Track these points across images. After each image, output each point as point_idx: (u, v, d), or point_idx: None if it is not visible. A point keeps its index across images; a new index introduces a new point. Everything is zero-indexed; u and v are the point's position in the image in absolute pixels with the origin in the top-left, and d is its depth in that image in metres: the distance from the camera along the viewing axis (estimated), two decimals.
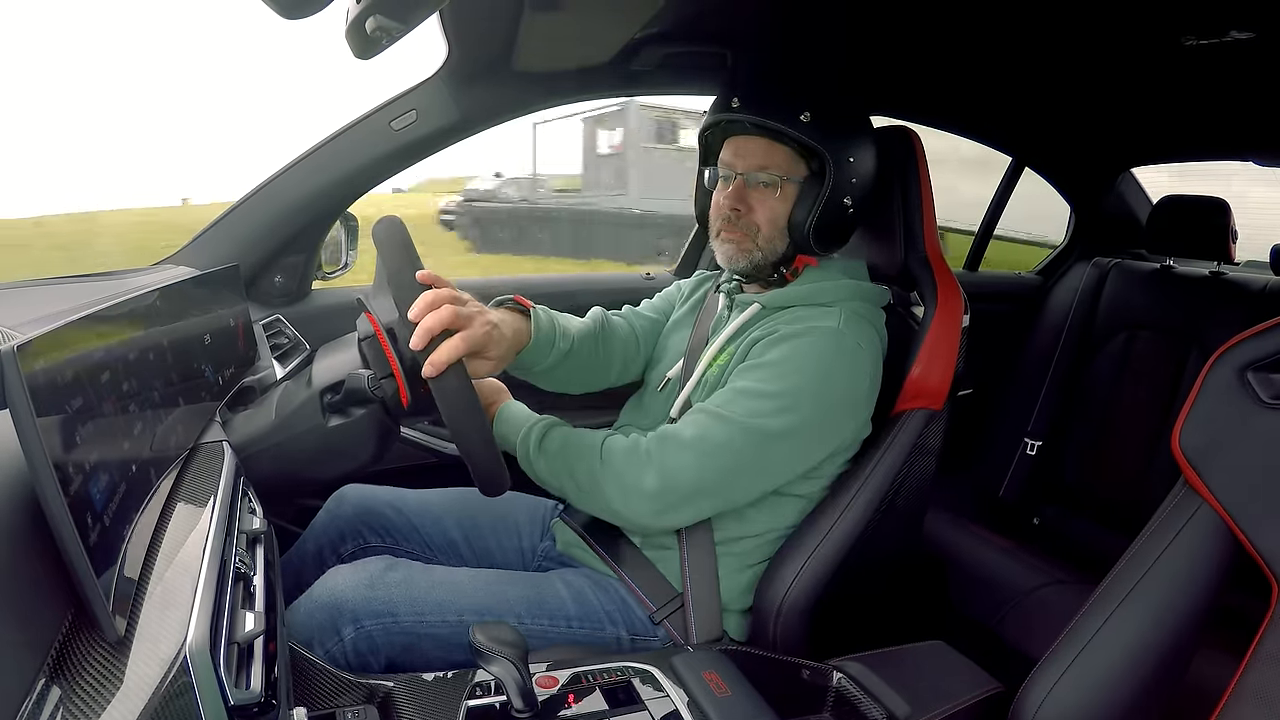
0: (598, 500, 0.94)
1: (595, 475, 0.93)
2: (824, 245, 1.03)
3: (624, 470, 0.92)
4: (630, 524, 0.98)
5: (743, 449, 0.92)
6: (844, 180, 0.98)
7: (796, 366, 0.93)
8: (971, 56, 1.38)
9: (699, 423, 0.94)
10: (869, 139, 1.03)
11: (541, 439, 0.97)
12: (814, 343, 0.94)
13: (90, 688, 0.44)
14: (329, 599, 0.89)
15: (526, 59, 1.21)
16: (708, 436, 0.92)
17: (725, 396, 0.95)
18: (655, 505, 0.92)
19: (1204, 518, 0.73)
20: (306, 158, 1.30)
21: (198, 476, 0.73)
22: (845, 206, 1.00)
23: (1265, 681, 0.66)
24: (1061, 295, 2.07)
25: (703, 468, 0.92)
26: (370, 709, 0.74)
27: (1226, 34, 1.07)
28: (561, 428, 1.00)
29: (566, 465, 0.95)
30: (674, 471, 0.91)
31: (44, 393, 0.46)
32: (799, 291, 1.03)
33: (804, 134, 0.96)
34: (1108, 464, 1.88)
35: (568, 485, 0.96)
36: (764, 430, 0.92)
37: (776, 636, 0.97)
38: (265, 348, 1.20)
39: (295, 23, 0.65)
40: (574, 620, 0.97)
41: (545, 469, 0.97)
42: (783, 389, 0.92)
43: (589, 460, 0.94)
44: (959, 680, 0.93)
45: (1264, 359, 0.74)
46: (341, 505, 1.11)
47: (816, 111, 0.96)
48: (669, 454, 0.92)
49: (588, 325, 1.16)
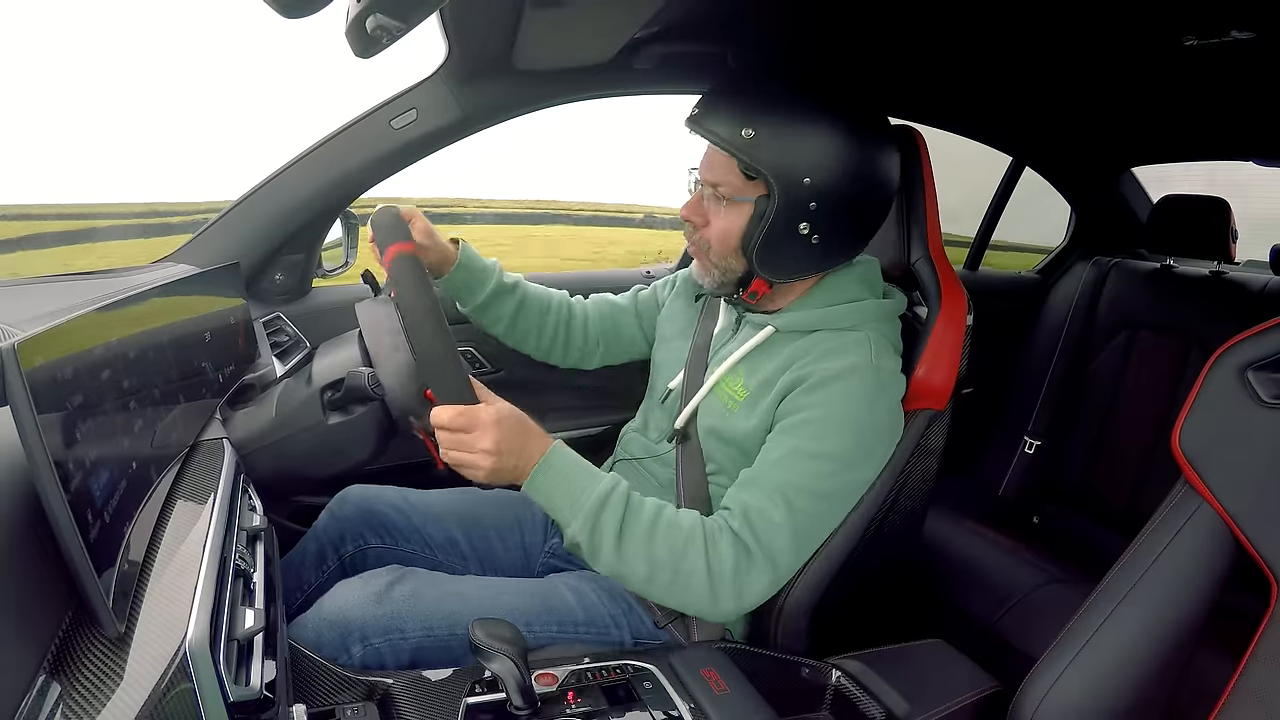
0: (686, 595, 0.85)
1: (694, 573, 0.84)
2: (777, 272, 0.95)
3: (735, 567, 0.85)
4: (721, 618, 0.89)
5: (827, 513, 0.91)
6: (798, 204, 0.88)
7: (847, 421, 0.90)
8: (972, 56, 1.38)
9: (778, 496, 0.87)
10: (856, 157, 0.90)
11: (623, 520, 0.85)
12: (857, 388, 0.90)
13: (90, 684, 0.44)
14: (338, 617, 0.87)
15: (527, 57, 1.21)
16: (796, 508, 0.87)
17: (786, 463, 0.89)
18: (770, 591, 0.88)
19: (1204, 517, 0.73)
20: (307, 156, 1.30)
21: (198, 474, 0.73)
22: (803, 234, 0.90)
23: (1264, 681, 0.66)
24: (1062, 294, 2.07)
25: (798, 550, 0.89)
26: (370, 706, 0.75)
27: (1227, 34, 1.06)
28: (639, 498, 0.88)
29: (650, 555, 0.84)
30: (778, 557, 0.87)
31: (44, 390, 0.46)
32: (816, 316, 0.97)
33: (741, 151, 0.87)
34: (1107, 463, 1.89)
35: (642, 574, 0.85)
36: (833, 493, 0.91)
37: (778, 637, 0.96)
38: (265, 345, 1.20)
39: (295, 22, 0.65)
40: (581, 626, 0.96)
41: (623, 554, 0.85)
42: (839, 450, 0.89)
43: (691, 554, 0.85)
44: (958, 679, 0.93)
45: (1264, 359, 0.74)
46: (343, 506, 1.11)
47: (762, 126, 0.87)
48: (766, 539, 0.86)
49: (550, 292, 1.23)
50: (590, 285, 1.79)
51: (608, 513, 0.84)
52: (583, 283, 1.80)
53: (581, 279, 1.84)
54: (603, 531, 0.83)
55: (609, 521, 0.83)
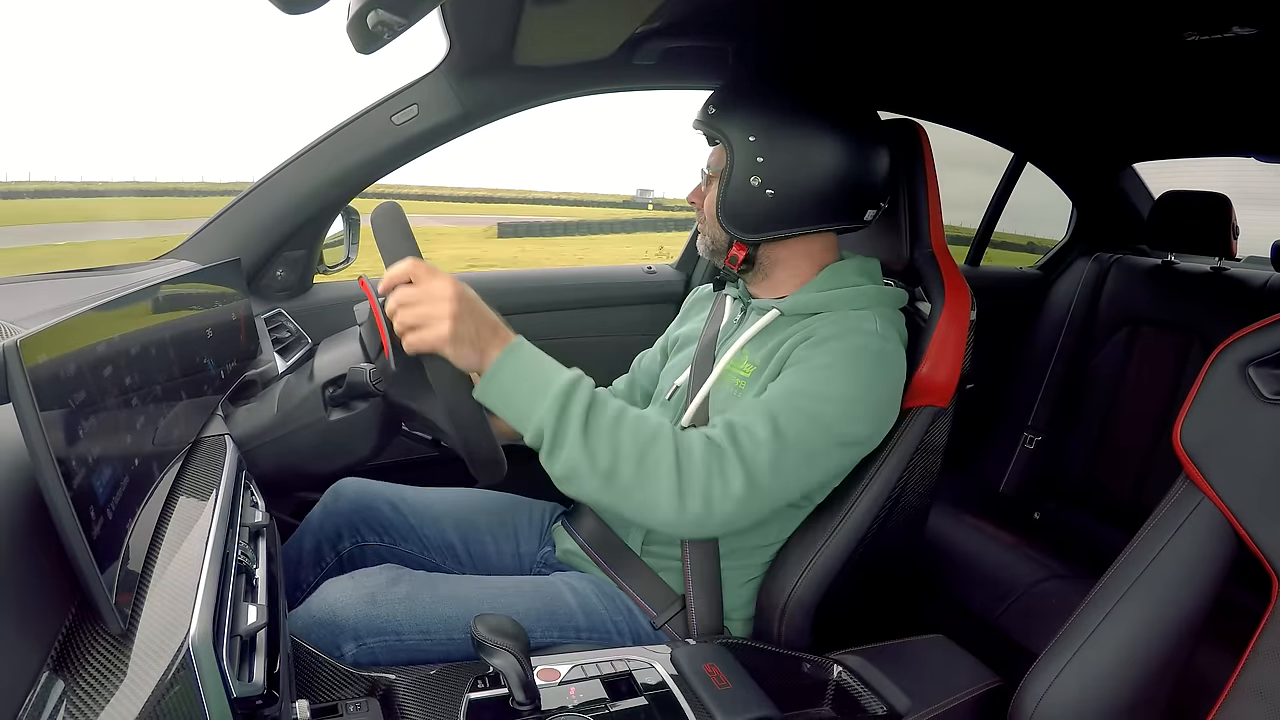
0: (650, 491, 0.79)
1: (660, 464, 0.79)
2: (741, 228, 0.99)
3: (706, 466, 0.80)
4: (687, 528, 0.82)
5: (815, 454, 0.87)
6: (747, 160, 0.96)
7: (849, 373, 0.89)
8: (973, 52, 1.38)
9: (766, 415, 0.84)
10: (791, 119, 0.96)
11: (590, 405, 0.80)
12: (859, 348, 0.91)
13: (93, 680, 0.44)
14: (327, 615, 0.87)
15: (528, 53, 1.21)
16: (783, 431, 0.83)
17: (780, 393, 0.88)
18: (740, 511, 0.81)
19: (1205, 513, 0.73)
20: (308, 152, 1.30)
21: (200, 470, 0.73)
22: (755, 187, 0.96)
23: (1265, 677, 0.67)
24: (1063, 290, 2.07)
25: (778, 475, 0.83)
26: (372, 702, 0.75)
27: (1228, 29, 1.06)
28: (605, 391, 0.85)
29: (616, 443, 0.79)
30: (755, 473, 0.81)
31: (47, 387, 0.46)
32: (819, 299, 0.99)
33: (707, 124, 1.00)
34: (1109, 459, 1.89)
35: (605, 465, 0.78)
36: (828, 430, 0.87)
37: (781, 634, 0.96)
38: (267, 341, 1.20)
39: (297, 18, 0.65)
40: (583, 631, 0.96)
41: (589, 441, 0.78)
42: (841, 394, 0.88)
43: (659, 445, 0.80)
44: (959, 674, 0.93)
45: (1265, 355, 0.74)
46: (338, 500, 1.10)
47: (719, 101, 1.00)
48: (747, 449, 0.82)
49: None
50: (589, 281, 1.79)
51: (579, 395, 0.79)
52: (581, 279, 1.81)
53: (580, 275, 1.84)
54: (570, 414, 0.78)
55: (578, 405, 0.78)
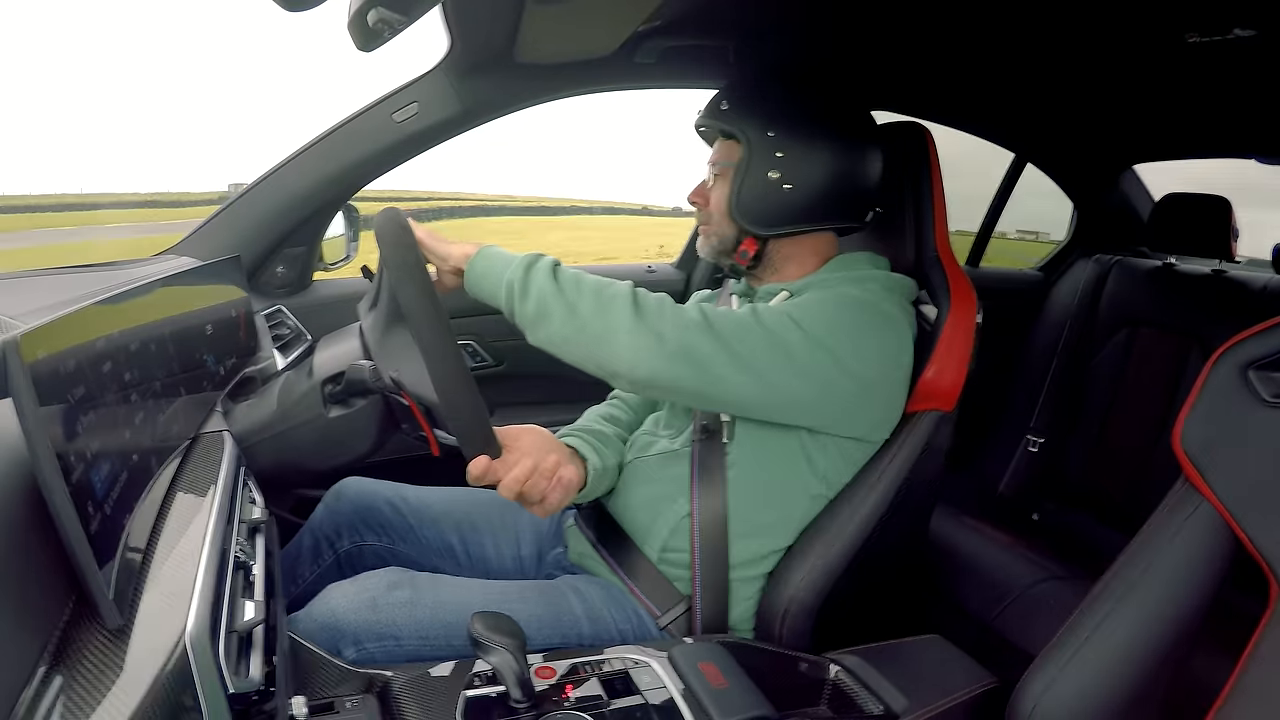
0: (611, 313, 0.87)
1: (618, 294, 0.89)
2: (756, 222, 1.01)
3: (663, 298, 0.91)
4: (642, 358, 0.87)
5: (793, 344, 0.88)
6: (766, 154, 0.99)
7: (829, 316, 0.90)
8: (974, 53, 1.38)
9: (745, 309, 0.91)
10: (808, 116, 1.00)
11: (556, 261, 0.92)
12: (850, 302, 0.92)
13: (91, 675, 0.44)
14: (328, 619, 0.86)
15: (529, 51, 1.21)
16: (759, 314, 0.90)
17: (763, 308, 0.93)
18: (698, 342, 0.86)
19: (1204, 515, 0.73)
20: (308, 149, 1.30)
21: (199, 466, 0.74)
22: (774, 180, 0.99)
23: (1263, 679, 0.67)
24: (1063, 292, 2.06)
25: (744, 338, 0.88)
26: (369, 699, 0.75)
27: (1230, 32, 1.06)
28: None
29: (579, 280, 0.90)
30: (719, 320, 0.88)
31: (46, 382, 0.46)
32: (826, 279, 1.01)
33: (721, 120, 1.02)
34: (1108, 461, 1.89)
35: (570, 298, 0.88)
36: (786, 345, 0.88)
37: (782, 635, 0.96)
38: (267, 338, 1.20)
39: (297, 15, 0.65)
40: (586, 638, 0.95)
41: (558, 280, 0.89)
42: (813, 330, 0.89)
43: (618, 284, 0.91)
44: (956, 674, 0.93)
45: (1266, 357, 0.74)
46: (340, 500, 1.10)
47: (732, 98, 1.02)
48: (710, 309, 0.90)
49: (621, 434, 1.16)
50: None
51: (546, 258, 0.92)
52: None
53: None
54: (539, 264, 0.90)
55: (545, 260, 0.91)
